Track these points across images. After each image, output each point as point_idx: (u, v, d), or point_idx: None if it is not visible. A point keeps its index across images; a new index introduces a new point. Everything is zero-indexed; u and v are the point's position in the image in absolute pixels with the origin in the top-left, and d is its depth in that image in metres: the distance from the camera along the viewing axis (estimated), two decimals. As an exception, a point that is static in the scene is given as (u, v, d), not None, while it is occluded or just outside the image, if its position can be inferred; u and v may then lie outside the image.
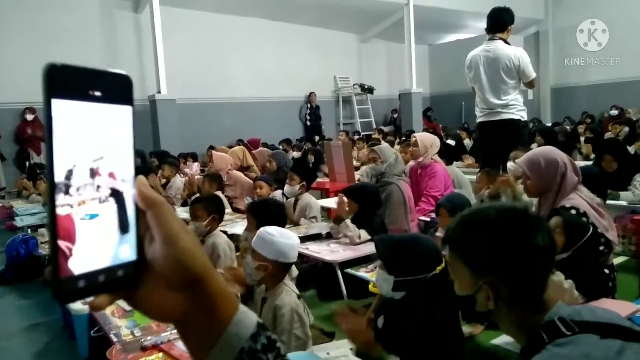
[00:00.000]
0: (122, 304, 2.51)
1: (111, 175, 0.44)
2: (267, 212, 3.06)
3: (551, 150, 2.77)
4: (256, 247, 2.20)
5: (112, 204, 0.44)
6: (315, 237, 3.65)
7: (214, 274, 0.49)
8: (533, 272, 1.11)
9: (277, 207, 3.29)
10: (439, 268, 1.89)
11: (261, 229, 2.26)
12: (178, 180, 6.07)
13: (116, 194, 0.45)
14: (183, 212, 4.94)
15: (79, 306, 2.56)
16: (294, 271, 2.76)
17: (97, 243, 0.43)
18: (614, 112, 11.08)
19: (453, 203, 3.05)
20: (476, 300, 1.16)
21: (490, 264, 1.11)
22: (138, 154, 6.26)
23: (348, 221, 3.46)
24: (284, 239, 2.19)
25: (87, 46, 9.40)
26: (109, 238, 0.44)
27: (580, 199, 2.63)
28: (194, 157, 8.81)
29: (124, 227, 0.45)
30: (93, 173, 0.43)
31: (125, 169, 0.46)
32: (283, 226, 3.04)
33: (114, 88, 0.45)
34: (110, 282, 0.44)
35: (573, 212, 2.50)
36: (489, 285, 1.11)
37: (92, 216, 0.43)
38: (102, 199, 0.44)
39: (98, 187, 0.43)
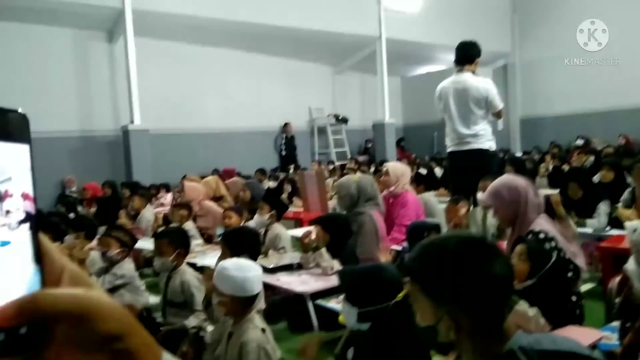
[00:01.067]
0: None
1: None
2: (241, 241, 3.00)
3: (511, 179, 2.87)
4: (216, 283, 2.16)
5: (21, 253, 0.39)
6: (286, 268, 3.61)
7: (134, 327, 0.44)
8: (492, 301, 1.12)
9: (252, 236, 3.23)
10: (400, 295, 1.89)
11: (219, 264, 2.22)
12: (148, 213, 5.97)
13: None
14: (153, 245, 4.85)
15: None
16: (261, 304, 2.71)
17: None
18: (580, 142, 11.44)
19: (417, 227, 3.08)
20: (438, 331, 1.16)
21: (449, 294, 1.11)
22: (109, 184, 6.14)
23: (323, 251, 3.43)
24: (238, 272, 2.12)
25: (60, 76, 9.35)
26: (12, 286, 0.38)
27: (548, 224, 2.69)
28: (167, 188, 8.69)
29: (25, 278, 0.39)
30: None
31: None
32: (257, 256, 3.01)
33: (7, 125, 0.41)
34: (11, 342, 0.36)
35: (542, 235, 2.54)
36: (450, 315, 1.11)
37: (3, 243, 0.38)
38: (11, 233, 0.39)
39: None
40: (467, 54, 4.51)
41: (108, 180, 7.75)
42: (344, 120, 13.06)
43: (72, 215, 6.55)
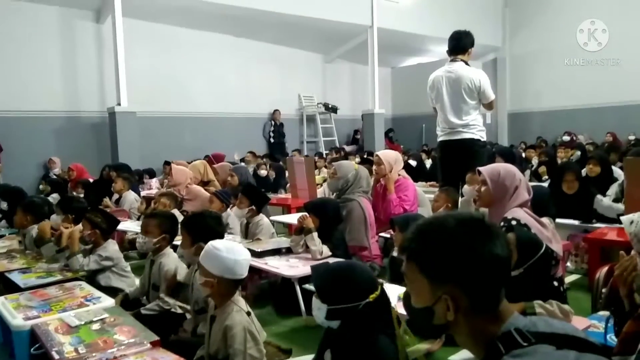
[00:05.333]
0: (67, 319, 2.39)
1: None
2: (202, 226, 2.75)
3: (511, 166, 2.89)
4: (202, 262, 2.12)
5: None
6: (275, 253, 3.58)
7: None
8: (492, 281, 1.10)
9: (214, 220, 2.93)
10: (372, 296, 1.88)
11: (209, 243, 2.17)
12: (130, 195, 5.89)
13: None
14: (138, 227, 4.78)
15: (19, 322, 2.41)
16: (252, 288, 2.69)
17: None
18: (567, 137, 11.56)
19: (406, 220, 3.06)
20: (434, 313, 1.14)
21: (450, 273, 1.09)
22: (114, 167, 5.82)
23: (315, 235, 3.42)
24: (229, 254, 2.09)
25: (46, 54, 9.15)
26: None
27: (523, 212, 2.69)
28: (151, 174, 8.59)
29: None
30: None
31: None
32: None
33: None
34: None
35: (514, 223, 2.55)
36: (449, 295, 1.10)
37: None
38: None
39: None
40: (460, 44, 4.47)
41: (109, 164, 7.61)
42: (334, 110, 13.02)
43: (55, 195, 6.46)
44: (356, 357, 1.86)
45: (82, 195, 6.45)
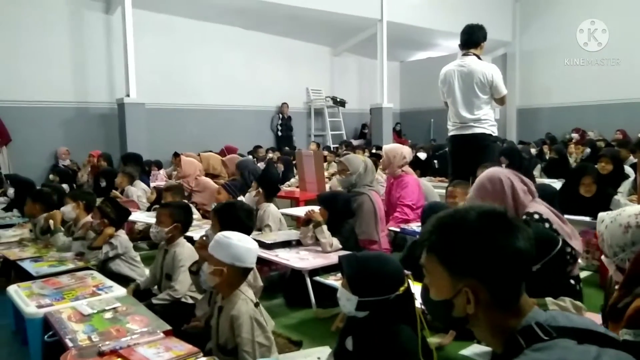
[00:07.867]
0: (80, 307, 2.40)
1: None
2: (233, 218, 2.80)
3: (492, 171, 2.79)
4: (212, 251, 2.11)
5: None
6: (284, 245, 3.59)
7: None
8: (514, 275, 1.09)
9: (246, 213, 2.98)
10: (402, 288, 1.88)
11: (219, 233, 2.17)
12: (134, 187, 5.91)
13: None
14: (147, 217, 4.81)
15: (32, 309, 2.43)
16: (259, 282, 2.69)
17: None
18: (575, 135, 11.49)
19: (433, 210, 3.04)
20: (453, 306, 1.13)
21: (471, 266, 1.08)
22: (105, 157, 5.96)
23: (324, 227, 3.42)
24: (241, 242, 2.11)
25: (55, 46, 9.18)
26: None
27: (542, 206, 2.67)
28: (159, 165, 8.61)
29: None
30: None
31: None
32: (249, 233, 2.91)
33: None
34: None
35: (536, 217, 2.53)
36: (470, 288, 1.09)
37: None
38: None
39: None
40: (473, 37, 4.43)
41: (104, 153, 7.66)
42: (342, 103, 12.99)
43: (65, 186, 6.49)
44: (379, 346, 1.86)
45: (103, 184, 6.44)
